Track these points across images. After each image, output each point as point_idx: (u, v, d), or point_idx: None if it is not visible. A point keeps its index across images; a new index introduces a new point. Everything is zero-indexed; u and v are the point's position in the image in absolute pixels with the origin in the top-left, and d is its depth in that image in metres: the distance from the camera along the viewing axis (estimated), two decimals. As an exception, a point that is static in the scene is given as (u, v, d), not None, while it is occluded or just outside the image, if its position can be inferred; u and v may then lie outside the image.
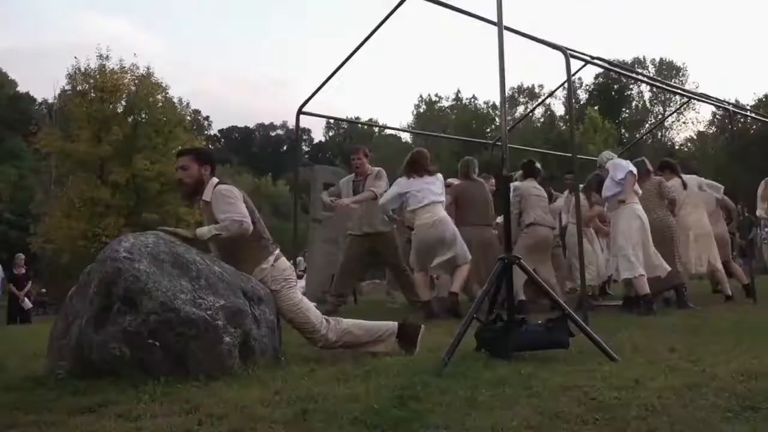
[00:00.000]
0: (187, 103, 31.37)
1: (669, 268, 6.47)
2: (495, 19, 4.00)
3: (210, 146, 55.36)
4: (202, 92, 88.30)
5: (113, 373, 3.10)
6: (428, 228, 6.32)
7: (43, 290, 25.97)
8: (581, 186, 7.60)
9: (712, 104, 11.19)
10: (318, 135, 76.49)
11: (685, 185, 7.28)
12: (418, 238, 6.45)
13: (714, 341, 4.02)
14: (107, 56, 27.08)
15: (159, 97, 28.48)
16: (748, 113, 21.25)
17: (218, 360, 3.23)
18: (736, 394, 2.57)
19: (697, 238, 7.27)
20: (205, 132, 58.89)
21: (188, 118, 31.82)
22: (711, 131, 43.28)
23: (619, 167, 6.61)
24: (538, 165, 7.42)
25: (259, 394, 2.79)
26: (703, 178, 8.15)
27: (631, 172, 6.52)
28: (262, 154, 71.60)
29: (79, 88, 27.18)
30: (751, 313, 5.83)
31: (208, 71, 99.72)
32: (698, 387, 2.69)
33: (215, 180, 3.95)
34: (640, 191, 6.59)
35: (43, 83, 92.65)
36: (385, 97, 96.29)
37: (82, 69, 26.90)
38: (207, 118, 60.84)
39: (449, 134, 30.43)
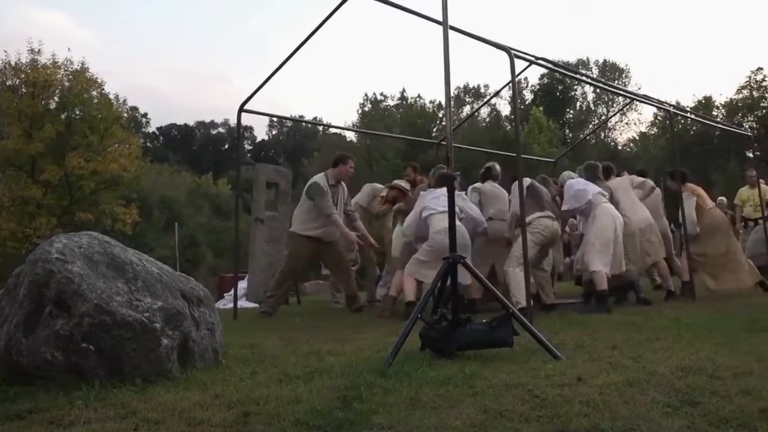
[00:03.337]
0: (124, 100, 30.57)
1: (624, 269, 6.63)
2: (440, 19, 4.00)
3: (148, 144, 54.15)
4: (140, 88, 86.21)
5: (44, 378, 2.97)
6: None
7: (-29, 293, 24.95)
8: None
9: (653, 105, 11.46)
10: (261, 133, 75.84)
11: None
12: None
13: (654, 338, 4.11)
14: (39, 50, 26.16)
15: (94, 93, 27.62)
16: (688, 115, 21.92)
17: (156, 363, 3.13)
18: (676, 389, 2.62)
19: (643, 232, 7.39)
20: (143, 129, 57.52)
21: (125, 115, 30.94)
22: (653, 132, 44.37)
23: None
24: (497, 167, 7.44)
25: (199, 398, 2.71)
26: (634, 177, 8.12)
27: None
28: (203, 152, 70.50)
29: (8, 83, 26.21)
30: (691, 310, 5.98)
31: (146, 66, 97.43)
32: (639, 383, 2.74)
33: None
34: (611, 188, 6.74)
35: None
36: (330, 96, 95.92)
37: (12, 63, 25.92)
38: (145, 115, 59.43)
39: (395, 133, 30.50)
